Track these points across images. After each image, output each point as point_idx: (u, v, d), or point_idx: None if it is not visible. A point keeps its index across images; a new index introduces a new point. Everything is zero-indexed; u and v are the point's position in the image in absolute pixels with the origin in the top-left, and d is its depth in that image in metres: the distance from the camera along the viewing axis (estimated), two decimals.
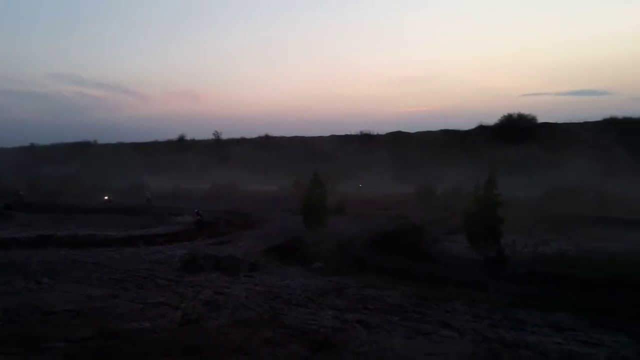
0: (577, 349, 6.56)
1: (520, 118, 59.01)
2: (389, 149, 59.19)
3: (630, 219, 22.69)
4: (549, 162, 43.09)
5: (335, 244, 16.80)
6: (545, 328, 7.55)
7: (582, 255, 15.65)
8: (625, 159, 43.10)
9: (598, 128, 53.93)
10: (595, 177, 34.79)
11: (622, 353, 6.45)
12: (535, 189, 32.12)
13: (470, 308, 8.70)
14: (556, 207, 27.45)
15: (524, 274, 12.58)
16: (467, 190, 16.85)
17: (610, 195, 29.10)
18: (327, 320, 7.96)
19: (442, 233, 19.94)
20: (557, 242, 17.86)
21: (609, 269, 13.08)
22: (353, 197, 31.50)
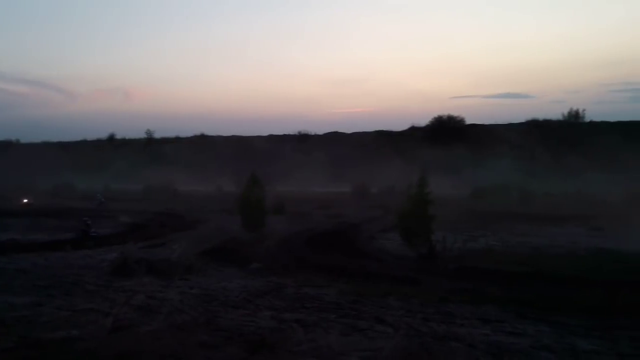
0: (503, 339, 6.93)
1: (449, 119, 61.50)
2: (325, 148, 59.73)
3: (550, 215, 24.19)
4: (476, 162, 45.11)
5: (274, 244, 16.75)
6: (473, 320, 7.91)
7: (507, 250, 16.50)
8: (546, 159, 45.92)
9: (521, 129, 57.09)
10: (518, 176, 36.81)
11: (544, 342, 6.88)
12: (464, 188, 33.54)
13: (404, 303, 8.97)
14: (483, 204, 28.82)
15: (454, 269, 13.11)
16: (401, 189, 17.36)
17: (532, 192, 30.90)
18: (264, 321, 7.94)
19: (378, 231, 20.38)
20: (484, 238, 18.74)
21: (532, 263, 13.88)
22: (291, 196, 31.54)
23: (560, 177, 37.43)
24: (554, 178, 37.12)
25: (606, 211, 22.28)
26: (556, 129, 54.59)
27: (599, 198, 26.41)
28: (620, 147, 41.99)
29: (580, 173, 36.26)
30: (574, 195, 29.13)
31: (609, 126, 54.23)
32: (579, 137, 50.32)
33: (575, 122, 55.89)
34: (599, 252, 15.63)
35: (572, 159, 42.10)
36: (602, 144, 45.43)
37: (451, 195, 29.10)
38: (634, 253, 14.88)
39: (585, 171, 36.10)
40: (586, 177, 33.64)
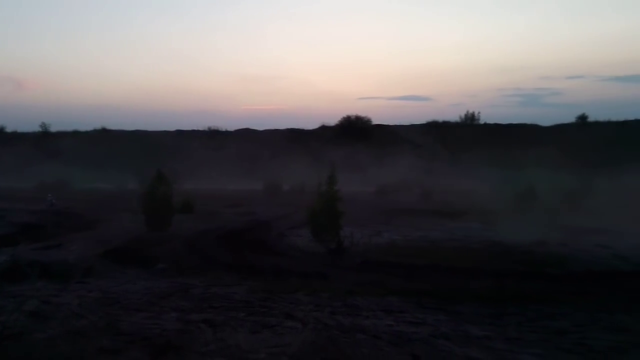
0: (404, 329, 7.30)
1: (357, 120, 63.32)
2: (237, 145, 58.92)
3: (448, 211, 25.70)
4: (381, 160, 46.86)
5: (181, 243, 16.29)
6: (378, 312, 8.25)
7: (409, 244, 17.37)
8: (444, 158, 48.75)
9: (422, 130, 60.17)
10: (419, 174, 38.79)
11: (441, 330, 7.33)
12: (370, 185, 34.70)
13: (313, 298, 9.14)
14: (387, 201, 30.06)
15: (360, 263, 13.59)
16: (311, 186, 17.64)
17: (432, 189, 32.67)
18: (170, 322, 7.72)
19: (288, 228, 20.53)
20: (388, 232, 19.57)
21: (431, 256, 14.73)
22: (200, 194, 30.77)
23: (457, 174, 39.92)
24: (452, 176, 39.53)
25: (498, 207, 24.08)
26: (454, 130, 58.19)
27: (492, 194, 28.48)
28: (510, 148, 45.61)
29: (475, 171, 38.84)
30: (469, 192, 31.17)
31: (501, 128, 58.70)
32: (475, 137, 53.96)
33: (471, 124, 59.89)
34: (491, 245, 16.93)
35: (468, 158, 45.02)
36: (495, 144, 49.04)
37: (358, 192, 30.01)
38: (521, 245, 16.30)
39: (480, 169, 38.74)
40: (481, 175, 36.08)
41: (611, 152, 42.09)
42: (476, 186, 32.74)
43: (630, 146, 43.16)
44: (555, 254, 15.03)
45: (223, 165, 48.86)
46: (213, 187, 40.24)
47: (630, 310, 8.40)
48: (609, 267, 13.19)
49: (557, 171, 29.61)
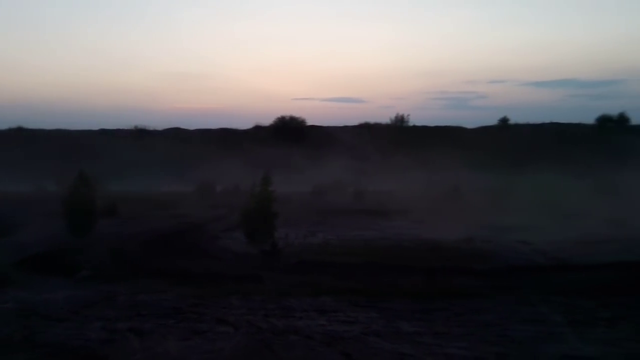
0: (337, 328, 7.35)
1: (292, 120, 63.41)
2: (167, 145, 57.16)
3: (380, 210, 26.27)
4: (316, 161, 47.19)
5: (106, 249, 15.52)
6: (311, 312, 8.26)
7: (343, 243, 17.59)
8: (376, 159, 49.87)
9: (355, 131, 61.31)
10: (353, 174, 39.44)
11: (373, 327, 7.45)
12: (304, 186, 34.82)
13: (246, 301, 9.01)
14: (322, 201, 30.30)
15: (295, 264, 13.59)
16: (245, 187, 17.44)
17: (365, 190, 33.29)
18: (94, 332, 7.33)
19: (222, 230, 20.17)
20: (322, 232, 19.72)
21: (365, 254, 15.00)
22: (128, 196, 29.55)
23: (389, 175, 40.94)
24: (384, 176, 40.49)
25: (427, 205, 24.94)
26: (385, 132, 59.73)
27: (421, 194, 29.46)
28: (438, 149, 47.38)
29: (405, 171, 40.02)
30: (400, 192, 32.06)
31: (429, 130, 60.91)
32: (405, 139, 55.63)
33: (401, 126, 61.71)
34: (421, 242, 17.49)
35: (398, 159, 46.30)
36: (423, 145, 50.77)
37: (293, 193, 30.00)
38: (449, 242, 16.97)
39: (410, 170, 39.98)
40: (411, 175, 37.23)
41: (530, 152, 44.79)
42: (407, 186, 33.74)
43: (547, 147, 46.15)
44: (480, 250, 15.77)
45: (151, 166, 47.18)
46: (141, 189, 38.73)
47: (548, 302, 8.92)
48: (529, 262, 14.00)
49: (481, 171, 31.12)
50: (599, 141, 48.09)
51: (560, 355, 6.26)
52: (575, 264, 13.28)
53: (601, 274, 11.64)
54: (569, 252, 15.04)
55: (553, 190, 24.33)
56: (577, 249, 15.52)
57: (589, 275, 11.50)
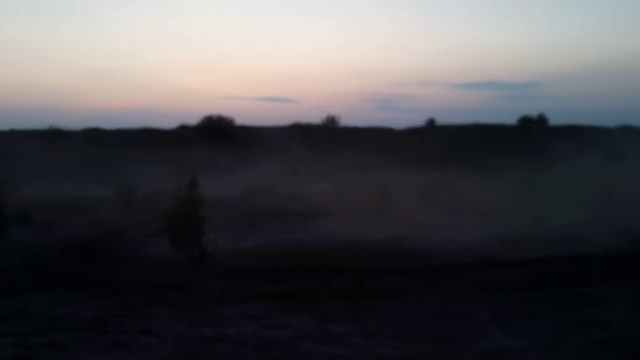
0: (269, 334, 7.19)
1: (220, 120, 62.18)
2: (84, 147, 54.13)
3: (312, 212, 26.31)
4: (246, 162, 46.61)
5: (18, 258, 14.41)
6: (242, 319, 8.04)
7: (274, 247, 17.40)
8: (308, 160, 50.03)
9: (286, 132, 61.19)
10: (284, 176, 39.27)
11: (305, 331, 7.35)
12: (234, 188, 34.27)
13: (173, 310, 8.63)
14: (253, 204, 29.88)
15: (225, 270, 13.26)
16: (170, 191, 16.78)
17: (296, 191, 33.24)
18: (5, 349, 6.69)
19: (145, 236, 19.34)
20: (253, 236, 19.42)
21: (296, 257, 14.93)
22: (41, 202, 27.64)
23: (320, 176, 41.17)
24: (315, 177, 40.67)
25: (357, 206, 25.29)
26: (316, 132, 60.09)
27: (352, 194, 29.86)
28: (368, 149, 48.32)
29: (337, 172, 40.42)
30: (332, 193, 32.31)
31: (359, 131, 61.97)
32: (336, 139, 56.26)
33: (332, 127, 62.39)
34: (352, 243, 17.65)
35: (330, 160, 46.70)
36: (354, 146, 51.58)
37: (222, 195, 29.38)
38: (379, 242, 17.27)
39: (341, 170, 40.44)
40: (342, 176, 37.66)
41: (456, 152, 46.70)
42: (338, 187, 34.08)
43: (472, 147, 48.33)
44: (409, 249, 16.16)
45: (68, 169, 44.47)
46: (56, 194, 36.40)
47: (474, 298, 9.24)
48: (456, 260, 14.52)
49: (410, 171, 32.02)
50: (520, 141, 50.93)
51: (485, 350, 6.44)
52: (500, 261, 13.93)
53: (524, 270, 12.28)
54: (493, 249, 15.76)
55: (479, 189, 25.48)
56: (501, 246, 16.30)
57: (512, 272, 12.09)
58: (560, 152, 42.77)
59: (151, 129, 62.97)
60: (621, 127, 53.04)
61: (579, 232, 18.40)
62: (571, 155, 40.89)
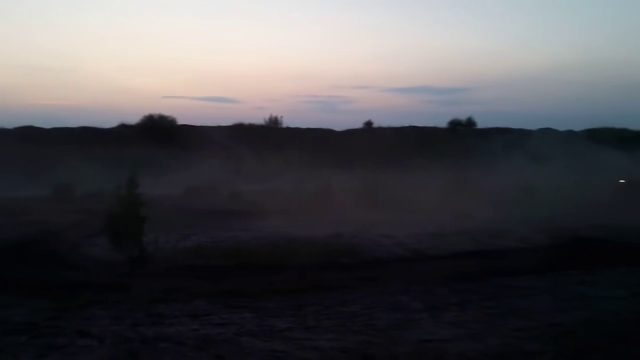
0: (210, 332, 7.30)
1: (161, 119, 60.84)
2: (17, 145, 51.35)
3: (255, 211, 26.34)
4: (189, 162, 45.89)
5: None
6: (183, 318, 8.09)
7: (217, 245, 17.37)
8: (251, 159, 49.83)
9: (229, 132, 60.62)
10: (227, 175, 39.00)
11: (247, 327, 7.52)
12: (177, 187, 33.72)
13: (111, 311, 8.53)
14: (196, 203, 29.51)
15: (166, 269, 13.16)
16: (110, 190, 16.38)
17: (240, 190, 33.12)
18: None
19: (83, 237, 18.76)
20: (195, 235, 19.26)
21: (239, 255, 14.99)
22: None
23: (263, 176, 41.18)
24: (258, 177, 40.63)
25: (300, 205, 25.57)
26: (259, 133, 59.92)
27: (294, 193, 30.12)
28: (309, 150, 48.75)
29: (279, 172, 40.54)
30: (274, 192, 32.43)
31: (300, 131, 62.31)
32: (278, 140, 56.33)
33: (275, 127, 62.39)
34: (294, 240, 17.90)
35: (273, 160, 46.74)
36: (296, 146, 51.86)
37: (164, 195, 28.83)
38: (319, 238, 17.62)
39: (284, 170, 40.58)
40: (285, 176, 37.79)
41: (393, 153, 48.06)
42: (281, 186, 34.21)
43: (407, 149, 49.88)
44: (348, 245, 16.63)
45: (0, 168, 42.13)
46: None
47: (408, 290, 9.71)
48: (391, 254, 15.10)
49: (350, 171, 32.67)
50: (451, 143, 53.00)
51: (418, 339, 6.84)
52: (431, 255, 14.64)
53: (453, 263, 12.98)
54: (425, 244, 16.51)
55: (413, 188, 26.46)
56: (432, 240, 17.10)
57: (442, 264, 12.75)
58: (487, 153, 45.12)
59: (90, 127, 60.67)
60: (542, 130, 56.30)
61: (504, 227, 19.59)
62: (497, 156, 43.26)
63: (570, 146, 49.76)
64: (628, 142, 51.33)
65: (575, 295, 9.09)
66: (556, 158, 41.21)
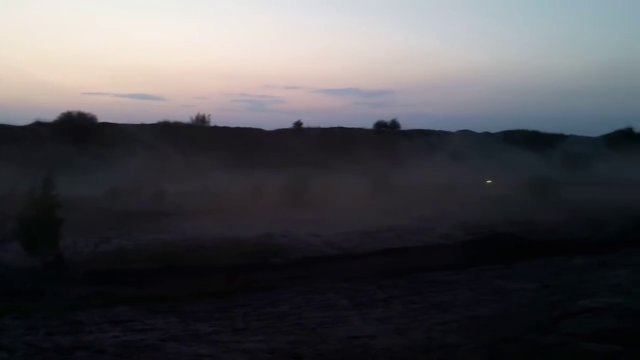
0: (132, 338, 7.00)
1: (80, 116, 57.84)
2: None
3: (182, 212, 25.69)
4: (111, 162, 43.91)
5: None
6: (103, 325, 7.71)
7: (140, 248, 16.77)
8: (177, 159, 48.48)
9: (154, 130, 58.57)
10: (152, 175, 37.67)
11: (171, 332, 7.27)
12: (98, 188, 32.19)
13: (24, 320, 7.98)
14: (118, 204, 28.27)
15: (86, 275, 12.52)
16: (23, 192, 15.34)
17: (165, 191, 32.14)
18: None
19: None
20: (118, 238, 18.48)
21: (164, 258, 14.55)
22: None
23: (190, 176, 40.19)
24: (185, 177, 39.62)
25: (229, 205, 25.24)
26: (186, 131, 58.37)
27: (223, 194, 29.68)
28: (239, 149, 48.18)
29: (208, 172, 39.76)
30: (202, 192, 31.75)
31: (230, 131, 61.39)
32: (206, 139, 55.19)
33: (202, 126, 61.02)
34: (222, 241, 17.64)
35: (200, 160, 45.76)
36: (225, 146, 51.10)
37: (84, 196, 27.39)
38: (249, 239, 17.47)
39: (212, 170, 39.86)
40: (213, 176, 37.15)
41: (322, 154, 48.62)
42: (209, 186, 33.57)
43: (336, 149, 50.65)
44: (278, 245, 16.62)
45: None
46: None
47: (336, 288, 9.83)
48: (320, 253, 15.26)
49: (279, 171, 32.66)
50: (376, 144, 54.43)
51: (345, 336, 6.93)
52: (359, 252, 14.96)
53: (379, 259, 13.32)
54: (353, 242, 16.87)
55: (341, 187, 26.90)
56: (360, 239, 17.48)
57: (370, 262, 13.05)
58: (410, 154, 46.90)
59: (2, 125, 56.46)
60: (461, 132, 59.26)
61: (427, 224, 20.45)
62: (420, 156, 45.11)
63: (487, 147, 52.79)
64: (539, 144, 55.23)
65: (493, 288, 9.58)
66: (474, 158, 43.60)
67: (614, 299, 8.15)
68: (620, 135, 60.46)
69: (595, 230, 18.16)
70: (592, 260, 12.01)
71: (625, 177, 35.49)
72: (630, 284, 9.30)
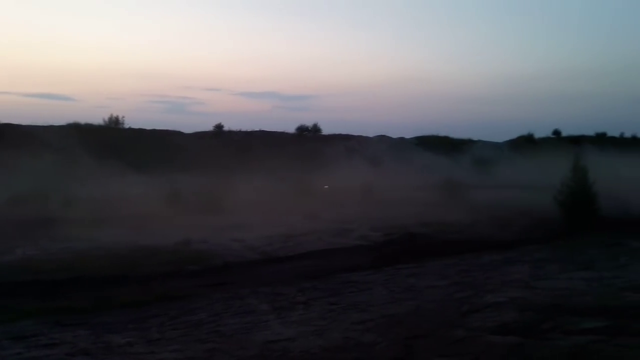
0: (37, 354, 6.60)
1: None
2: None
3: (94, 218, 24.35)
4: (14, 165, 40.70)
5: None
6: (4, 341, 7.21)
7: (48, 258, 15.70)
8: (89, 162, 45.94)
9: (63, 132, 54.96)
10: (61, 180, 35.43)
11: (80, 346, 6.94)
12: None
13: None
14: (22, 211, 26.32)
15: None
16: None
17: (75, 196, 30.34)
18: None
19: None
20: (22, 248, 17.21)
21: (75, 268, 13.74)
22: None
23: (102, 180, 38.27)
24: (97, 181, 37.66)
25: (145, 210, 24.32)
26: (98, 133, 55.38)
27: (139, 199, 28.54)
28: (155, 152, 46.56)
29: (122, 176, 38.07)
30: (116, 198, 30.33)
31: (146, 133, 59.07)
32: (120, 142, 52.72)
33: (116, 128, 58.20)
34: (138, 249, 16.93)
35: (113, 163, 43.68)
36: (141, 149, 49.16)
37: None
38: (167, 246, 16.94)
39: (127, 174, 38.22)
40: (127, 180, 35.64)
41: (242, 157, 48.22)
42: (123, 191, 32.18)
43: (257, 153, 50.46)
44: (197, 251, 16.26)
45: None
46: None
47: (256, 293, 9.83)
48: (241, 258, 15.13)
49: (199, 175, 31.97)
50: (297, 147, 54.83)
51: (264, 340, 6.97)
52: (281, 256, 15.01)
53: (299, 262, 13.46)
54: (275, 245, 16.87)
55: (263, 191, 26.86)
56: (281, 242, 17.54)
57: (291, 265, 13.15)
58: (330, 157, 47.91)
59: None
60: (379, 137, 61.25)
61: (346, 226, 20.97)
62: (340, 160, 46.22)
63: (402, 152, 55.01)
64: (450, 149, 58.41)
65: (406, 286, 10.03)
66: (390, 162, 45.26)
67: (516, 293, 8.84)
68: (523, 141, 65.28)
69: (501, 230, 19.50)
70: (497, 258, 12.93)
71: (527, 179, 38.44)
72: (530, 279, 10.12)
